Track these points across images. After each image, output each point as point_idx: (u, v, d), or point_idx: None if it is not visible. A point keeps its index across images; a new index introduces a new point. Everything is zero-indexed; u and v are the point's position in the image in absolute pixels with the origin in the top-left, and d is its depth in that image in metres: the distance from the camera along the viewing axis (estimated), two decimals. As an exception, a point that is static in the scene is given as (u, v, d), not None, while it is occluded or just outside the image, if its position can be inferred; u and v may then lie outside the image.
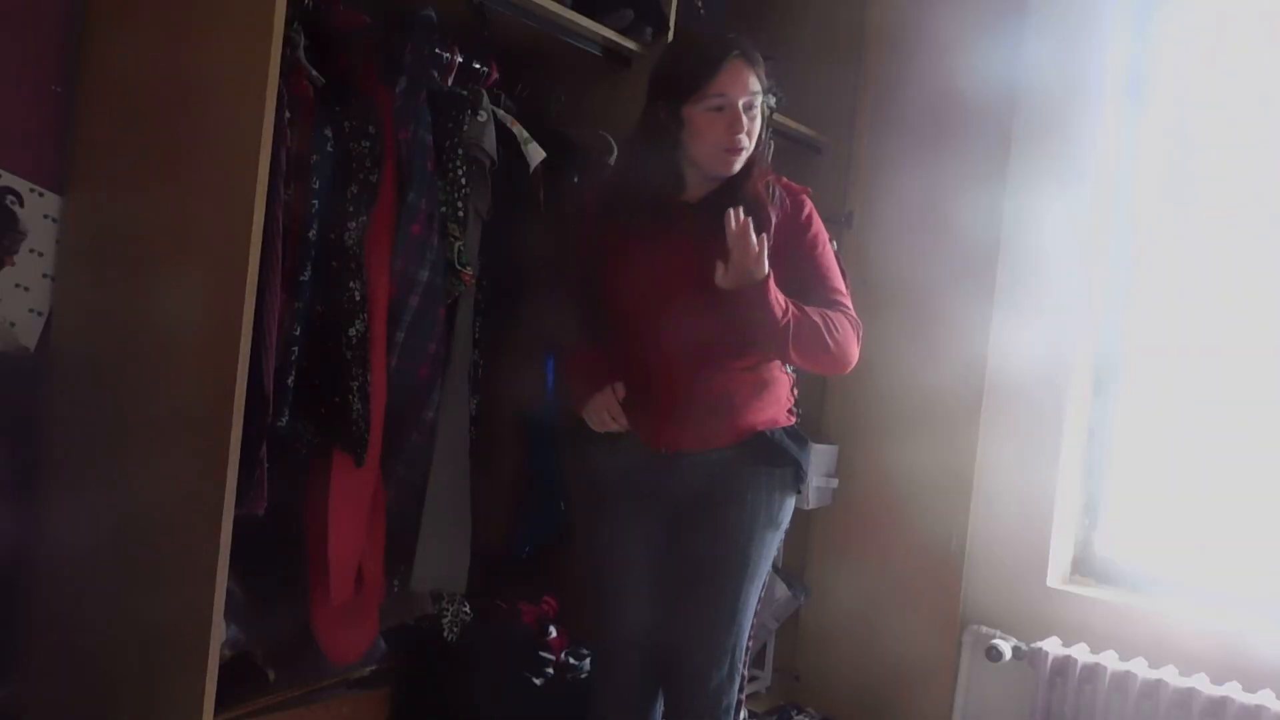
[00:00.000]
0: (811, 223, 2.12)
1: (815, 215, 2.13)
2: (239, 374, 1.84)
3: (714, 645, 2.05)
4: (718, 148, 1.99)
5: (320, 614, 2.09)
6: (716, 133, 1.98)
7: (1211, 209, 2.89)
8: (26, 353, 2.10)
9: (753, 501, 2.05)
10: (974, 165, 3.01)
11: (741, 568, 2.05)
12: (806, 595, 3.18)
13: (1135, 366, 2.97)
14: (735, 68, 1.97)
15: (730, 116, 1.97)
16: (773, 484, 2.07)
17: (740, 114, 1.97)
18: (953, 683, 3.00)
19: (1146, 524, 2.94)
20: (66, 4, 2.09)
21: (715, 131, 1.98)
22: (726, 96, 1.97)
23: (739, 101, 1.97)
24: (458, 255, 2.17)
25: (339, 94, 2.03)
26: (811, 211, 2.13)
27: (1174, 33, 2.96)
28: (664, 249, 2.02)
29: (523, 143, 2.32)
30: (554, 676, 2.40)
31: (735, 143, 1.98)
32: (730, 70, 1.97)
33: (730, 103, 1.97)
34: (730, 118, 1.97)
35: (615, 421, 2.03)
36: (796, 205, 2.10)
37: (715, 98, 1.97)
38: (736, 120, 1.97)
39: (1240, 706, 2.52)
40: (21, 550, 2.08)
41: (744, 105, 1.98)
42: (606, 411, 2.04)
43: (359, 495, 2.08)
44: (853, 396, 3.14)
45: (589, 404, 2.05)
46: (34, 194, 2.09)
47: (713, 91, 1.96)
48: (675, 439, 2.05)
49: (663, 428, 2.05)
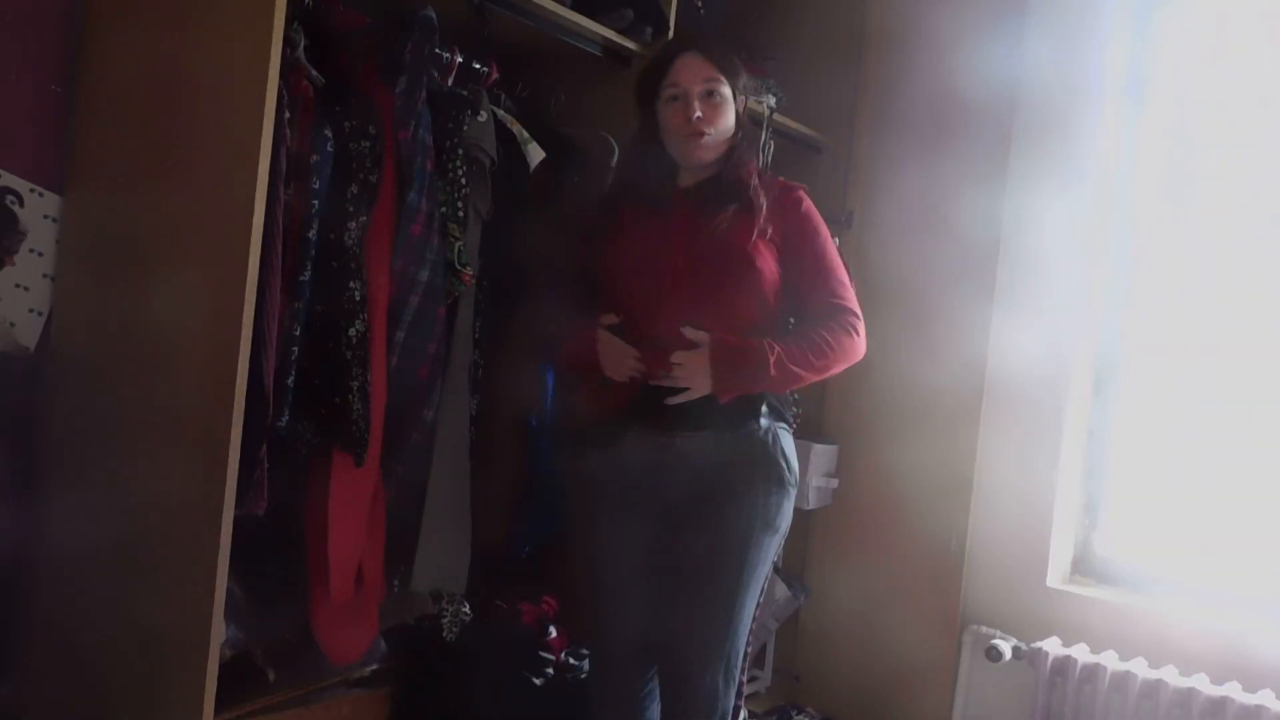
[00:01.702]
0: (809, 216, 2.16)
1: (813, 209, 2.18)
2: (239, 374, 1.84)
3: (710, 648, 2.05)
4: (679, 134, 2.08)
5: (320, 614, 2.09)
6: (676, 121, 2.09)
7: (1211, 209, 2.89)
8: (26, 353, 2.10)
9: (749, 504, 2.05)
10: (974, 165, 3.01)
11: (738, 571, 2.05)
12: (806, 595, 3.18)
13: (1135, 366, 2.97)
14: (687, 61, 2.10)
15: (684, 103, 2.08)
16: (769, 486, 2.07)
17: (693, 100, 2.07)
18: (953, 683, 3.00)
19: (1146, 524, 2.94)
20: (66, 4, 2.09)
21: (675, 120, 2.09)
22: (679, 86, 2.08)
23: (693, 89, 2.08)
24: (458, 255, 2.17)
25: (339, 94, 2.03)
26: (809, 206, 2.17)
27: (1174, 33, 2.96)
28: (659, 235, 2.09)
29: (523, 143, 2.32)
30: (554, 676, 2.40)
31: (692, 126, 2.06)
32: (681, 63, 2.09)
33: (683, 91, 2.08)
34: (684, 104, 2.08)
35: (635, 360, 2.04)
36: (793, 200, 2.15)
37: (669, 88, 2.09)
38: (690, 106, 2.07)
39: (1240, 706, 2.52)
40: (21, 550, 2.08)
41: (702, 93, 2.08)
42: (620, 353, 2.05)
43: (359, 495, 2.08)
44: (853, 396, 3.14)
45: (602, 358, 2.07)
46: (34, 194, 2.09)
47: (667, 84, 2.10)
48: (670, 421, 2.05)
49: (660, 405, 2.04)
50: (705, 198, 2.10)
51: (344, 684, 2.28)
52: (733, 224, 2.06)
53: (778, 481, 2.08)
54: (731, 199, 2.08)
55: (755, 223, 2.06)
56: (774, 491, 2.07)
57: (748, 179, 2.10)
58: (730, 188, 2.09)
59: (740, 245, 2.05)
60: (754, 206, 2.07)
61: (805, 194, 2.18)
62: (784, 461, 2.09)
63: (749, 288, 2.06)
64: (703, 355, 2.00)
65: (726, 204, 2.07)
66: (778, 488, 2.08)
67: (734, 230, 2.06)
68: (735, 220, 2.06)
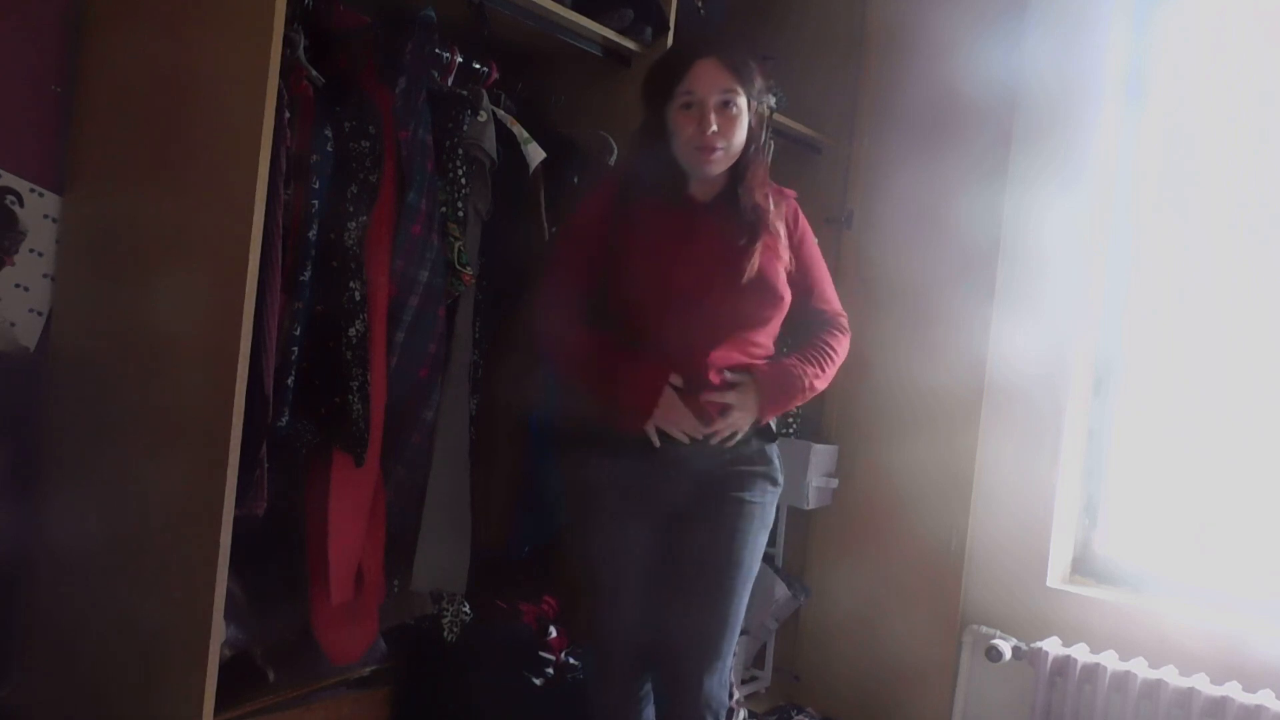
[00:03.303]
0: (806, 227, 2.20)
1: (802, 216, 2.20)
2: (239, 374, 1.84)
3: (711, 649, 2.06)
4: (690, 145, 2.00)
5: (320, 614, 2.09)
6: (688, 130, 2.00)
7: (1211, 209, 2.89)
8: (26, 353, 2.10)
9: (749, 505, 2.08)
10: (974, 165, 3.01)
11: (738, 570, 2.07)
12: (806, 595, 3.18)
13: (1135, 366, 2.97)
14: (706, 67, 1.99)
15: (699, 113, 1.99)
16: (766, 481, 2.11)
17: (709, 110, 1.98)
18: (953, 683, 3.00)
19: (1146, 524, 2.94)
20: (66, 4, 2.09)
21: (687, 129, 2.00)
22: (695, 94, 1.99)
23: (710, 99, 1.98)
24: (458, 255, 2.17)
25: (339, 94, 2.03)
26: (799, 213, 2.19)
27: (1174, 32, 2.96)
28: (676, 245, 2.04)
29: (523, 143, 2.32)
30: (554, 676, 2.40)
31: (706, 139, 1.99)
32: (700, 69, 1.99)
33: (699, 100, 1.99)
34: (699, 114, 1.98)
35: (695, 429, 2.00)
36: (792, 211, 2.18)
37: (684, 95, 1.99)
38: (705, 117, 1.98)
39: (1240, 706, 2.52)
40: (21, 550, 2.08)
41: (718, 103, 1.99)
42: (681, 416, 1.99)
43: (359, 495, 2.08)
44: (853, 396, 3.14)
45: (660, 410, 1.98)
46: (34, 194, 2.09)
47: (682, 90, 1.99)
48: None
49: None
50: (725, 219, 2.05)
51: (344, 684, 2.28)
52: (762, 258, 2.04)
53: (771, 480, 2.13)
54: (756, 231, 2.04)
55: (778, 252, 2.07)
56: (768, 490, 2.12)
57: (765, 204, 2.06)
58: (751, 216, 2.04)
59: (772, 280, 2.05)
60: (766, 235, 2.05)
61: (795, 199, 2.20)
62: (776, 461, 2.14)
63: (775, 316, 2.09)
64: (750, 393, 2.02)
65: (752, 237, 2.03)
66: (772, 485, 2.13)
67: (764, 264, 2.04)
68: (764, 254, 2.04)
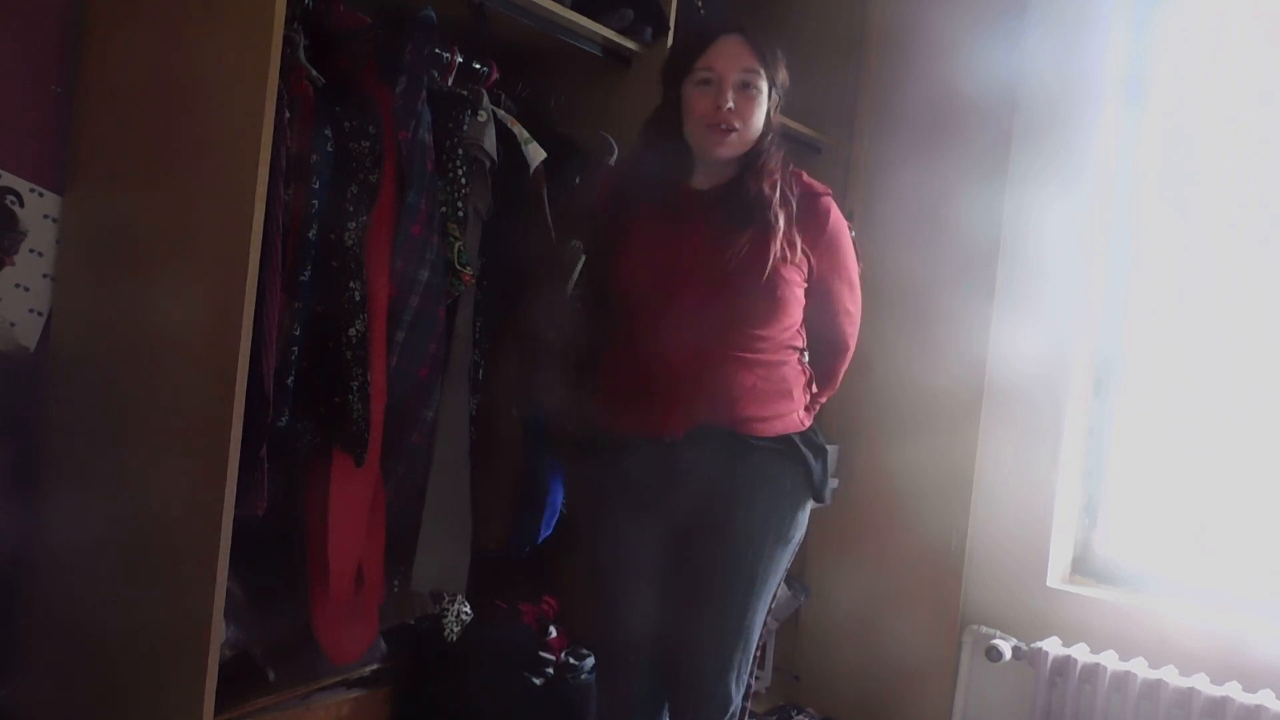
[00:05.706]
0: (838, 232, 2.05)
1: (840, 220, 2.06)
2: (239, 374, 1.84)
3: (720, 657, 2.01)
4: (702, 123, 1.93)
5: (320, 614, 2.09)
6: (703, 107, 1.93)
7: (1211, 209, 2.89)
8: (26, 353, 2.10)
9: (761, 514, 2.01)
10: (974, 165, 3.01)
11: (749, 582, 2.00)
12: (806, 595, 3.18)
13: (1135, 366, 2.97)
14: (729, 43, 1.93)
15: (716, 90, 1.92)
16: (780, 493, 2.03)
17: (728, 89, 1.91)
18: (953, 683, 3.00)
19: (1146, 524, 2.94)
20: (66, 4, 2.09)
21: (702, 106, 1.93)
22: (714, 70, 1.93)
23: (729, 77, 1.92)
24: (458, 255, 2.16)
25: (339, 94, 2.02)
26: (836, 216, 2.05)
27: (1174, 33, 2.96)
28: (672, 236, 1.99)
29: (523, 143, 2.32)
30: (554, 677, 2.40)
31: (720, 117, 1.91)
32: (722, 45, 1.93)
33: (718, 77, 1.92)
34: (716, 91, 1.92)
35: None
36: (822, 210, 2.03)
37: (703, 70, 1.93)
38: (722, 94, 1.91)
39: (1240, 706, 2.52)
40: (21, 550, 2.08)
41: (737, 83, 1.92)
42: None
43: (359, 495, 2.08)
44: (853, 396, 3.12)
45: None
46: (34, 194, 2.09)
47: (701, 65, 1.93)
48: (679, 425, 1.98)
49: (668, 415, 1.98)
50: (722, 208, 1.95)
51: (344, 684, 2.28)
52: (753, 247, 1.92)
53: (798, 488, 2.05)
54: (750, 218, 1.93)
55: (771, 247, 1.92)
56: (787, 500, 2.04)
57: (770, 194, 1.94)
58: (751, 202, 1.94)
59: (764, 273, 1.92)
60: (772, 228, 1.93)
61: (832, 199, 2.05)
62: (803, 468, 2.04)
63: (772, 311, 1.97)
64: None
65: (745, 222, 1.93)
66: (792, 496, 2.05)
67: (754, 255, 1.92)
68: (755, 243, 1.93)
